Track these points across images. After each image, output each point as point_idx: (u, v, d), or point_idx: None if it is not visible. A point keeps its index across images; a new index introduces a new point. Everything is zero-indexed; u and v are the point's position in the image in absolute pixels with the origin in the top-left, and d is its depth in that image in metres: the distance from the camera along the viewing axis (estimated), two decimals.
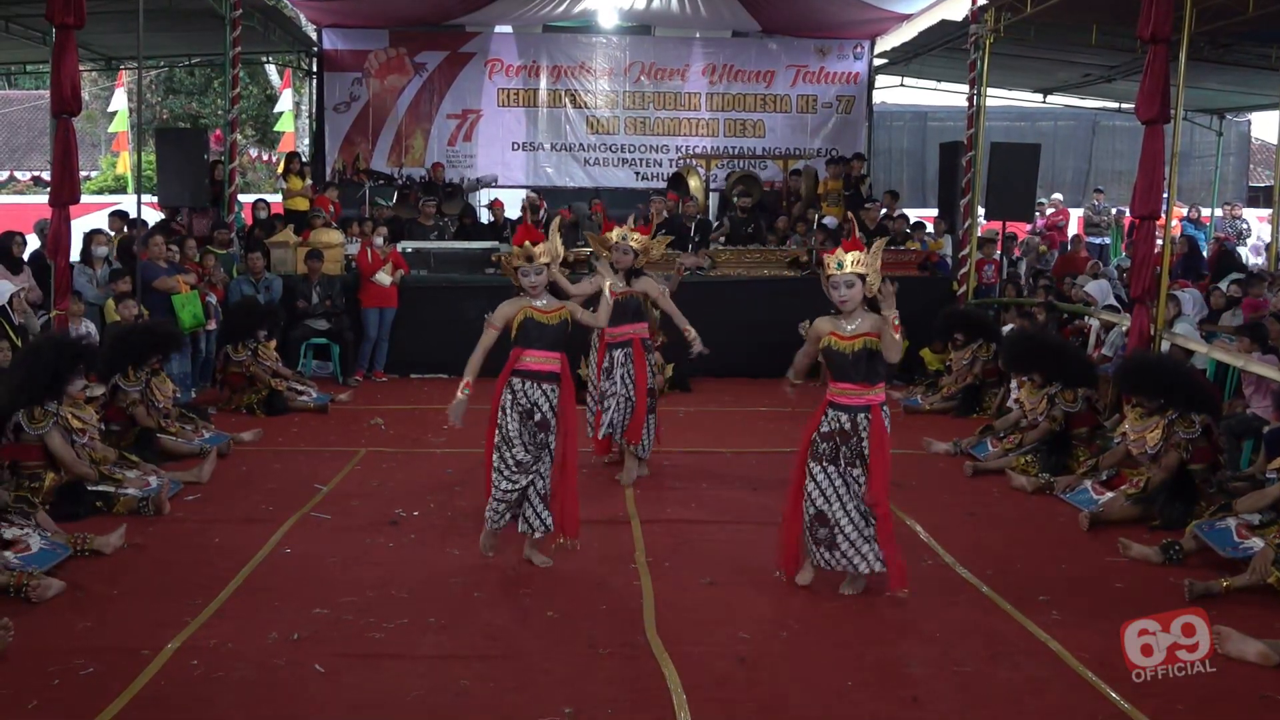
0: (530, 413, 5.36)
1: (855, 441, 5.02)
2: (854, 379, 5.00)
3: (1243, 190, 21.73)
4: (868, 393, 5.02)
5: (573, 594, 5.20)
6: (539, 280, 5.34)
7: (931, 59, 15.04)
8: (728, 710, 4.03)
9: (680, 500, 6.89)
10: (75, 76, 7.98)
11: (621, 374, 7.08)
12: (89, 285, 9.57)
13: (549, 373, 5.39)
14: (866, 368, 4.98)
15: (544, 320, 5.37)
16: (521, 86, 15.75)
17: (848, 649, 4.62)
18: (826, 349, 5.04)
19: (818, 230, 12.26)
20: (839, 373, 5.04)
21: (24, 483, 6.17)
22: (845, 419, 5.03)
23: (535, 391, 5.36)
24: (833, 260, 5.02)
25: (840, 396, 5.06)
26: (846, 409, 5.04)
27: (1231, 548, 5.61)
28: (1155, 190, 7.90)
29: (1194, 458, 6.49)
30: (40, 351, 6.41)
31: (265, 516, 6.37)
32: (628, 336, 7.08)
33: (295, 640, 4.57)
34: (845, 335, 4.98)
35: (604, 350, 7.19)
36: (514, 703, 4.06)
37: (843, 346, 4.98)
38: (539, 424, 5.38)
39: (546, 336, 5.36)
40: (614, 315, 6.66)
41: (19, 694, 4.05)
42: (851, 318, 4.99)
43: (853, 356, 4.96)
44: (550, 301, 5.43)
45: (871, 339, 4.92)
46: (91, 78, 20.26)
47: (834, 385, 5.08)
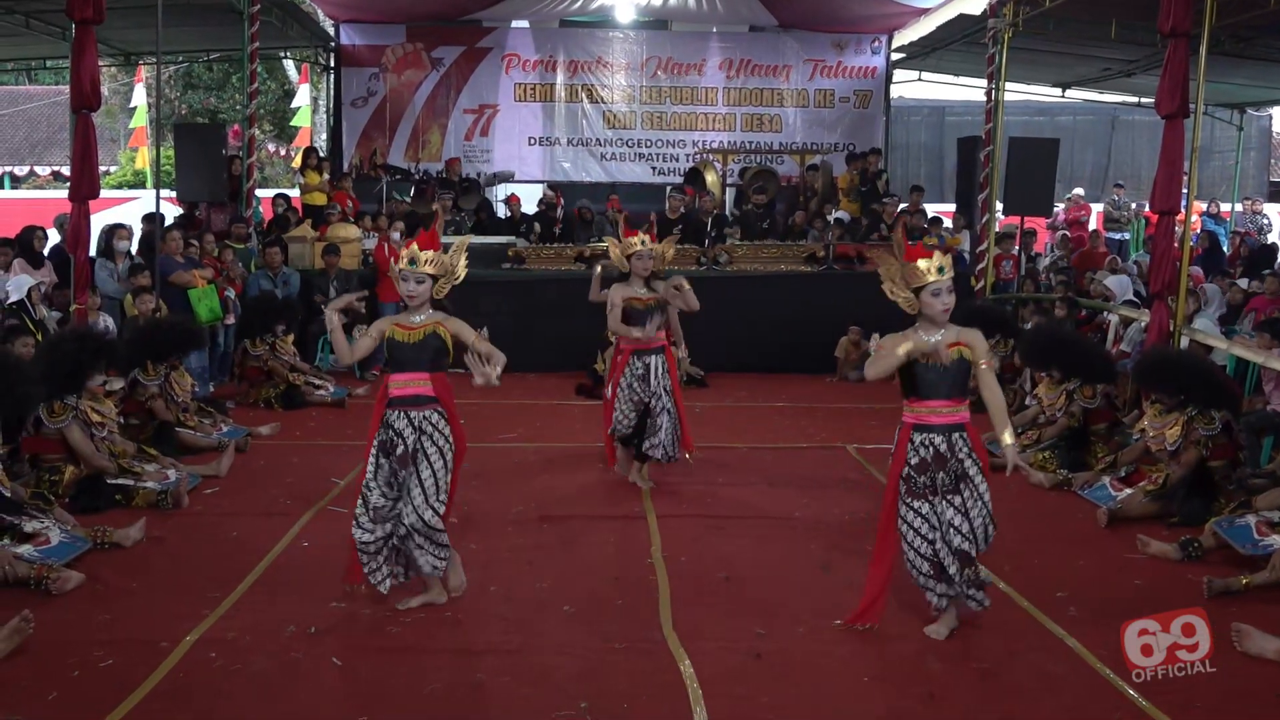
0: (392, 446, 4.77)
1: (954, 464, 4.54)
2: (949, 395, 4.52)
3: (1264, 185, 21.56)
4: (961, 409, 4.56)
5: (589, 589, 5.20)
6: (418, 290, 4.77)
7: (949, 53, 14.97)
8: (744, 705, 4.03)
9: (697, 496, 6.89)
10: (95, 72, 8.01)
11: (661, 385, 6.79)
12: (110, 280, 9.63)
13: (415, 397, 4.79)
14: (960, 381, 4.55)
15: (404, 338, 4.79)
16: (538, 81, 15.76)
17: (865, 644, 4.61)
18: (915, 364, 4.52)
19: (834, 226, 12.24)
20: (930, 390, 4.53)
21: (44, 476, 6.24)
22: (939, 439, 4.53)
23: (401, 420, 4.77)
24: (931, 266, 4.51)
25: (931, 417, 4.55)
26: (940, 430, 4.54)
27: (1251, 545, 5.58)
28: (1175, 185, 7.85)
29: (1213, 454, 6.44)
30: (62, 345, 6.45)
31: (283, 510, 6.40)
32: (658, 344, 6.84)
33: (312, 633, 4.59)
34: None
35: (630, 358, 6.85)
36: (529, 696, 4.07)
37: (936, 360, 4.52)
38: (399, 459, 4.76)
39: (408, 356, 4.79)
40: (641, 320, 6.73)
41: (39, 685, 4.08)
42: (933, 328, 4.54)
43: (953, 369, 4.49)
44: (429, 317, 4.83)
45: (964, 349, 4.51)
46: (111, 73, 20.35)
47: (920, 405, 4.57)
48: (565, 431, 8.57)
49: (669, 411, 6.80)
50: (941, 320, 4.51)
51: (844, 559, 5.70)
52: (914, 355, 4.49)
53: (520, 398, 9.69)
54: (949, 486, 4.52)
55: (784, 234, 12.94)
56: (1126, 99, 17.44)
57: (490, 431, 8.51)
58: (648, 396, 6.77)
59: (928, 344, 4.46)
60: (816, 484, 7.18)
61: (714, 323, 6.80)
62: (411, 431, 4.76)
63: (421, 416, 4.78)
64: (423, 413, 4.79)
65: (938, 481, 4.52)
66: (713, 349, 10.30)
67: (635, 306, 6.76)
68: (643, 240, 6.82)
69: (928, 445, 4.52)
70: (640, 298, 6.77)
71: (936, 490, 4.52)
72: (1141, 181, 17.41)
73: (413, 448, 4.76)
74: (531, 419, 9.04)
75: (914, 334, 4.56)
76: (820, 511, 6.57)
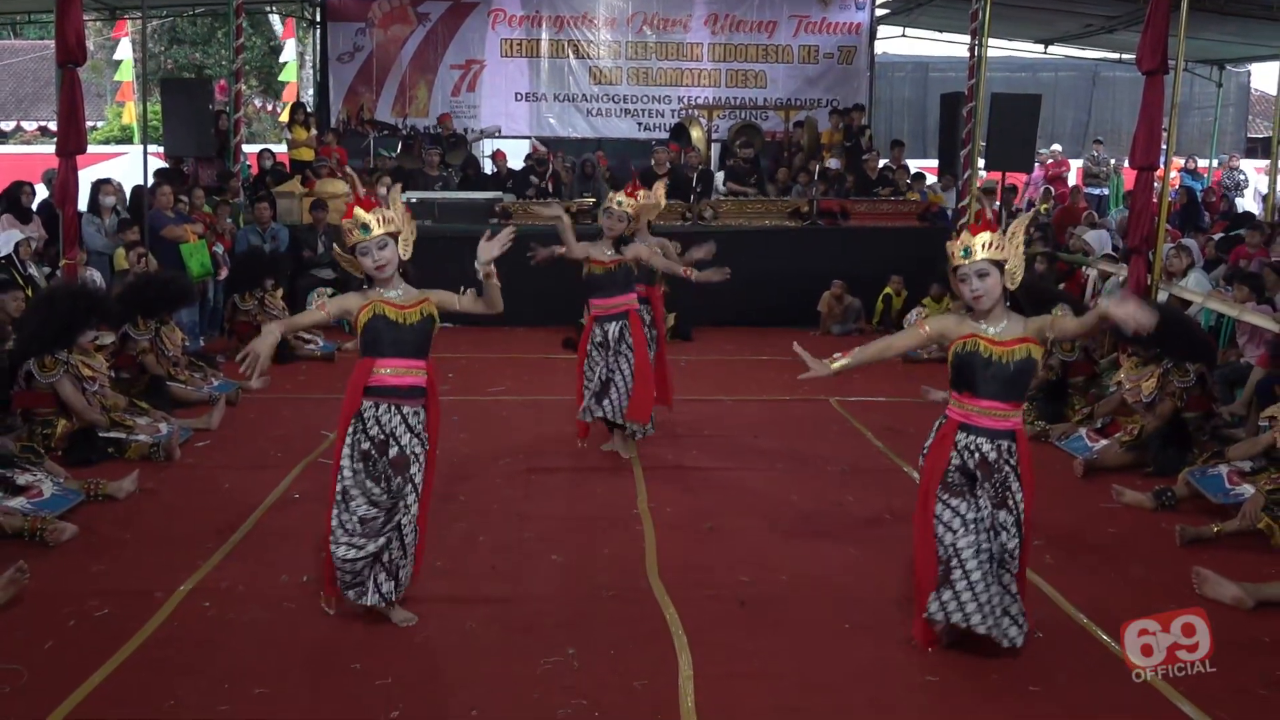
0: (384, 447, 4.06)
1: (1001, 477, 3.93)
2: (1005, 396, 3.88)
3: (1241, 141, 21.54)
4: (1015, 414, 3.93)
5: (576, 539, 5.22)
6: (387, 257, 3.99)
7: (933, 9, 14.87)
8: (728, 651, 4.06)
9: (682, 447, 6.90)
10: (80, 26, 7.88)
11: (618, 351, 6.31)
12: (97, 234, 9.54)
13: (411, 388, 4.08)
14: (1021, 383, 3.92)
15: (399, 318, 4.03)
16: (524, 37, 15.57)
17: (845, 592, 4.65)
18: (970, 355, 3.86)
19: (819, 181, 12.20)
20: (985, 387, 3.87)
21: (37, 430, 6.22)
22: (987, 446, 3.91)
23: (392, 418, 4.06)
24: (958, 247, 3.84)
25: (983, 418, 3.91)
26: (990, 435, 3.92)
27: (1223, 494, 5.65)
28: (1154, 141, 7.83)
29: (1188, 406, 6.50)
30: (54, 300, 6.40)
31: (274, 462, 6.39)
32: (621, 309, 6.32)
33: (305, 582, 4.60)
34: (1000, 340, 3.84)
35: (592, 324, 6.42)
36: (519, 644, 4.09)
37: (1000, 355, 3.83)
38: (394, 461, 4.07)
39: (406, 339, 4.04)
40: (603, 286, 6.31)
41: (36, 635, 4.09)
42: (993, 318, 3.86)
43: (1013, 368, 3.83)
44: (408, 292, 4.09)
45: (1032, 346, 3.84)
46: (96, 28, 20.02)
47: (971, 402, 3.92)
48: (552, 384, 8.55)
49: (622, 373, 6.30)
50: (982, 309, 3.85)
51: (827, 510, 5.75)
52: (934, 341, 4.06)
53: (508, 351, 9.70)
54: (996, 499, 3.94)
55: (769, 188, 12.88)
56: (1108, 55, 17.39)
57: (479, 385, 8.51)
58: (605, 362, 6.36)
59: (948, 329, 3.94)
60: (800, 435, 7.21)
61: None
62: (405, 430, 4.09)
63: (412, 412, 4.12)
64: (416, 407, 4.13)
65: (984, 491, 3.93)
66: (698, 303, 10.28)
67: (594, 271, 6.28)
68: (617, 201, 6.28)
69: (973, 450, 3.93)
70: (602, 261, 6.25)
71: (978, 497, 3.94)
72: (1121, 137, 17.33)
73: (410, 450, 4.11)
74: (519, 372, 9.03)
75: (961, 321, 3.95)
76: (802, 462, 6.60)
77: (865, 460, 6.70)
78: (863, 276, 11.26)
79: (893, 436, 7.11)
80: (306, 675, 3.86)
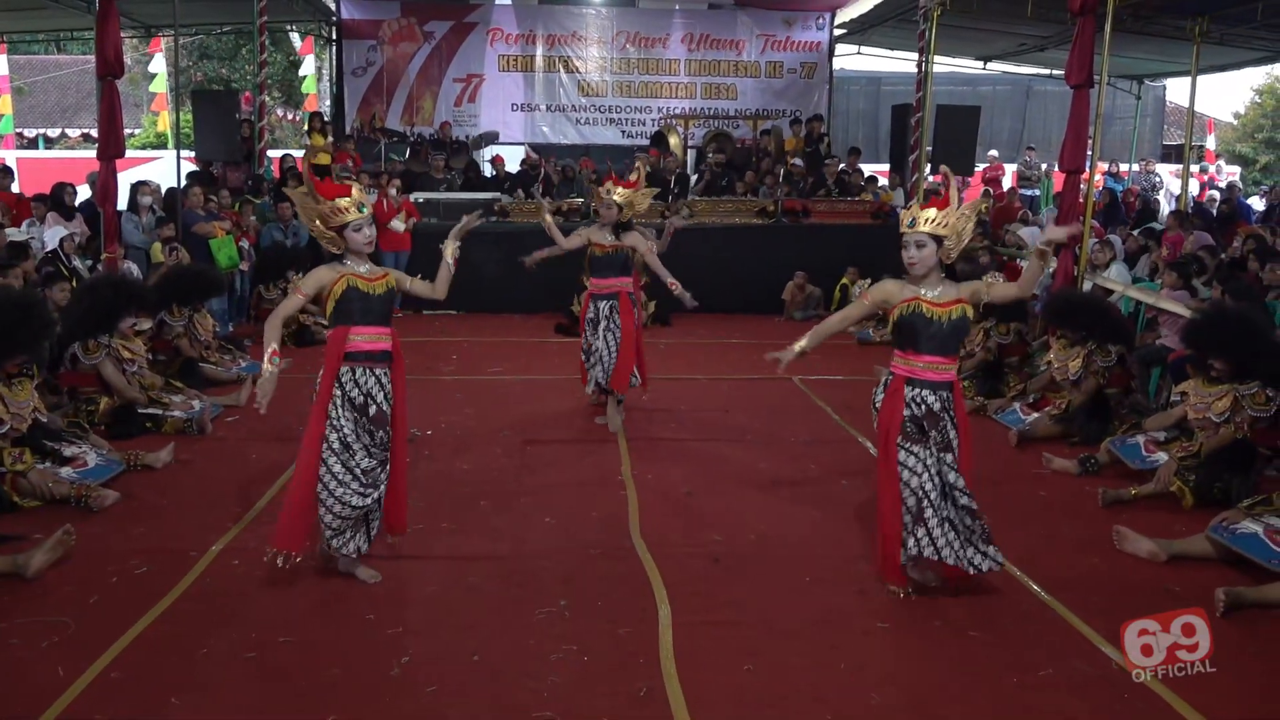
0: (364, 406, 4.07)
1: (943, 425, 3.98)
2: (944, 351, 3.94)
3: (1157, 148, 21.60)
4: (951, 367, 3.99)
5: (567, 503, 5.21)
6: (371, 235, 4.07)
7: (885, 29, 14.83)
8: (703, 602, 4.07)
9: (662, 421, 6.89)
10: (118, 42, 7.78)
11: (606, 327, 6.43)
12: (135, 231, 9.44)
13: (381, 352, 4.10)
14: (957, 339, 3.99)
15: (369, 289, 4.05)
16: (520, 53, 15.48)
17: (807, 549, 4.65)
18: (913, 316, 3.90)
19: (784, 183, 12.18)
20: (929, 344, 3.92)
21: (82, 406, 6.18)
22: (932, 398, 3.95)
23: (368, 379, 4.07)
24: (906, 216, 3.95)
25: (927, 371, 3.95)
26: (932, 386, 3.95)
27: (1140, 460, 5.69)
28: (1081, 148, 7.83)
29: (1110, 383, 6.53)
30: (96, 290, 6.35)
31: (296, 435, 6.23)
32: (614, 289, 6.43)
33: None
34: (939, 302, 3.91)
35: (589, 302, 6.56)
36: (517, 597, 4.09)
37: (939, 315, 3.89)
38: (374, 419, 4.08)
39: (374, 309, 4.07)
40: (601, 268, 6.41)
41: (82, 590, 4.06)
42: (929, 283, 3.93)
43: (949, 326, 3.91)
44: (373, 268, 4.13)
45: (967, 307, 3.93)
46: (133, 44, 19.78)
47: (915, 358, 3.95)
48: (546, 365, 8.53)
49: (608, 345, 6.40)
50: (915, 274, 3.93)
51: (790, 475, 5.76)
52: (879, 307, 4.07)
53: (506, 335, 9.66)
54: (941, 444, 3.97)
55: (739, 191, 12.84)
56: (1040, 71, 17.37)
57: (480, 366, 8.48)
58: (594, 337, 6.51)
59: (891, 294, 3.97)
60: (766, 410, 7.21)
61: (677, 270, 6.60)
62: (379, 389, 4.09)
63: (383, 373, 4.12)
64: (384, 369, 4.12)
65: (930, 438, 3.97)
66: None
67: (596, 254, 6.41)
68: (608, 190, 6.38)
69: (919, 402, 3.95)
70: (603, 244, 6.36)
71: (929, 442, 3.97)
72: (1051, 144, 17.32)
73: (383, 409, 4.11)
74: (516, 354, 8.99)
75: (901, 286, 3.99)
76: (769, 434, 6.60)
77: (825, 433, 6.70)
78: (822, 268, 11.27)
79: (850, 412, 7.12)
80: (325, 625, 3.85)
